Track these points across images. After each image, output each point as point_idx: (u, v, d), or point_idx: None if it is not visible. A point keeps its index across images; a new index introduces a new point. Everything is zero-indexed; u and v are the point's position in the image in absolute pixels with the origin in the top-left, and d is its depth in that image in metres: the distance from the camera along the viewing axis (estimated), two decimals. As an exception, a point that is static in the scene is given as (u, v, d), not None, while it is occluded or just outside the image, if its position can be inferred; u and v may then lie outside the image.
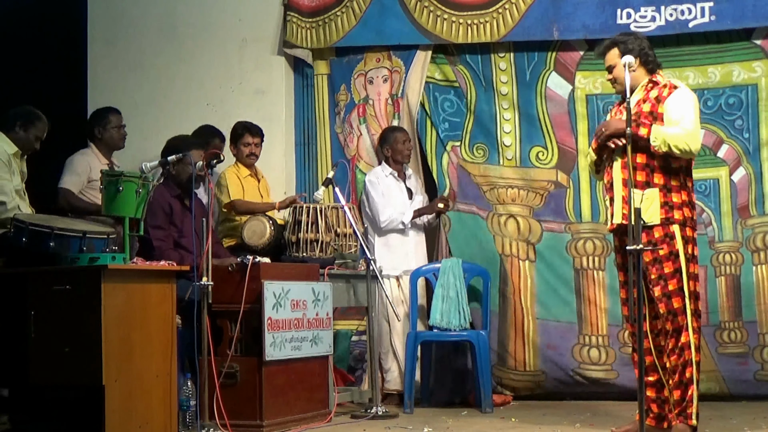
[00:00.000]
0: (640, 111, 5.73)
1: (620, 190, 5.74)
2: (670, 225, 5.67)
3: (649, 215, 5.62)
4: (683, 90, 5.81)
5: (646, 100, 5.78)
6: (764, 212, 7.48)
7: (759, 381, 7.36)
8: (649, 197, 5.66)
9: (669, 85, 5.81)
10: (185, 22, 8.43)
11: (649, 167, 5.70)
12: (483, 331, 7.43)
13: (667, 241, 5.67)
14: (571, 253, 7.78)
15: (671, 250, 5.66)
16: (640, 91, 5.82)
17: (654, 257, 5.66)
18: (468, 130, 8.02)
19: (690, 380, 5.63)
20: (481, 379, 7.26)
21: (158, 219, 6.48)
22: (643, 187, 5.67)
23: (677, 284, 5.66)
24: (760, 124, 7.50)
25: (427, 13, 7.97)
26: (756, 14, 7.39)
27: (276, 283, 6.29)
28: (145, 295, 5.62)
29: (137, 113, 8.22)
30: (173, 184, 6.64)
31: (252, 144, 7.59)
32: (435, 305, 7.54)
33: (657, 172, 5.70)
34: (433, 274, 7.65)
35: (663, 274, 5.67)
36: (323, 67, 8.28)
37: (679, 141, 5.62)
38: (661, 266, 5.67)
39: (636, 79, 5.80)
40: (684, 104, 5.74)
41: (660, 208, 5.66)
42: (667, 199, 5.69)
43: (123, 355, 5.44)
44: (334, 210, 7.12)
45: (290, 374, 6.37)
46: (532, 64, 7.87)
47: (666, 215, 5.67)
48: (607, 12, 7.63)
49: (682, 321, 5.64)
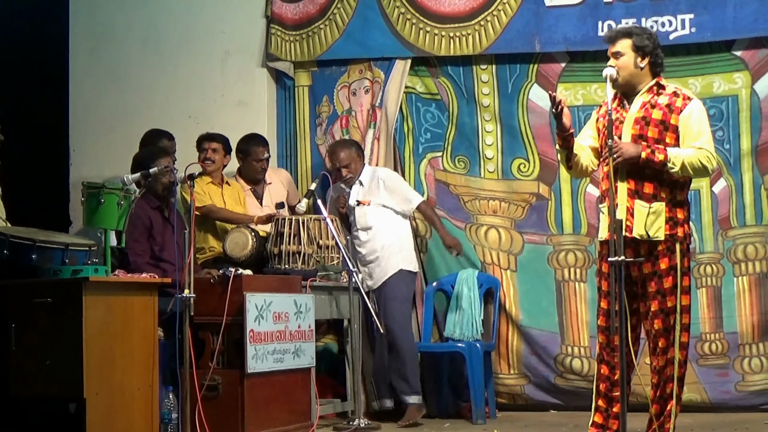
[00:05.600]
0: (650, 117, 5.53)
1: (624, 201, 5.50)
2: (673, 241, 5.50)
3: (654, 230, 5.47)
4: (698, 103, 5.59)
5: (655, 105, 5.55)
6: (745, 223, 7.52)
7: (740, 392, 7.38)
8: (656, 211, 5.48)
9: (682, 95, 5.57)
10: (168, 34, 8.43)
11: (657, 180, 5.50)
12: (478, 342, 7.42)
13: (668, 255, 5.50)
14: (553, 265, 7.80)
15: (672, 264, 5.50)
16: (646, 94, 5.59)
17: (654, 270, 5.51)
18: (450, 142, 8.03)
19: (670, 395, 5.54)
20: (473, 391, 7.27)
21: (136, 233, 6.45)
22: (650, 200, 5.49)
23: (675, 300, 5.50)
24: (741, 135, 7.53)
25: (409, 25, 7.99)
26: (736, 26, 7.43)
27: (258, 295, 6.29)
28: (126, 308, 5.61)
29: (120, 125, 8.22)
30: (152, 196, 6.62)
31: (208, 149, 7.57)
32: (449, 316, 7.61)
33: (665, 185, 5.52)
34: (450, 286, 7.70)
35: (662, 289, 5.51)
36: (304, 78, 8.30)
37: (698, 163, 5.44)
38: (660, 281, 5.51)
39: (641, 78, 5.59)
40: (701, 120, 5.54)
41: (665, 224, 5.49)
42: (672, 214, 5.51)
43: (104, 368, 5.43)
44: (317, 222, 7.12)
45: (272, 386, 6.37)
46: (514, 76, 7.89)
47: (670, 231, 5.49)
48: (589, 24, 7.65)
49: (672, 336, 5.53)
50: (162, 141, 7.49)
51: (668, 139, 5.52)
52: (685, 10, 7.50)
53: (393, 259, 7.38)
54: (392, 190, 7.51)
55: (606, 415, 5.64)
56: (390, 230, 7.45)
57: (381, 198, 7.45)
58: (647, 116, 5.55)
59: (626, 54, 5.58)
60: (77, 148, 8.52)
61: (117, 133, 8.09)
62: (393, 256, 7.39)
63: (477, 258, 7.83)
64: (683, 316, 5.55)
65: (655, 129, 5.53)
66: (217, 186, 7.55)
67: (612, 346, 5.53)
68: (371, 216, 7.44)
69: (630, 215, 5.49)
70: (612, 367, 5.58)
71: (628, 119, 5.58)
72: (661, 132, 5.52)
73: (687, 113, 5.53)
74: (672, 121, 5.53)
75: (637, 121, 5.56)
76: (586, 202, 7.72)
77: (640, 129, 5.54)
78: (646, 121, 5.54)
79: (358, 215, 7.46)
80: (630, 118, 5.58)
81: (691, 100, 5.58)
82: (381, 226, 7.44)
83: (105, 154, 8.27)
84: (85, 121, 8.50)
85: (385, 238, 7.42)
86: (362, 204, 7.43)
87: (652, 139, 5.51)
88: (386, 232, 7.44)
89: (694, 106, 5.55)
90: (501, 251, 7.82)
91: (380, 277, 7.39)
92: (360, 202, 7.43)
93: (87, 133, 8.50)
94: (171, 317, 5.95)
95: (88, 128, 8.50)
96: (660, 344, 5.54)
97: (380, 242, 7.42)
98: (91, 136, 8.47)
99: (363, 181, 7.52)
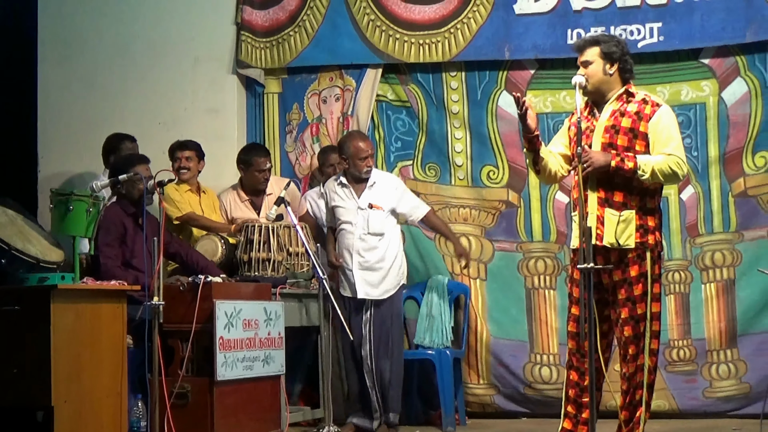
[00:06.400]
0: (619, 125, 5.54)
1: (594, 209, 5.51)
2: (644, 249, 5.52)
3: (625, 238, 5.48)
4: (667, 110, 5.62)
5: (625, 113, 5.56)
6: (713, 230, 7.56)
7: (707, 398, 7.43)
8: (626, 219, 5.50)
9: (651, 102, 5.58)
10: (138, 40, 8.40)
11: (627, 188, 5.52)
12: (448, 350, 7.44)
13: (638, 262, 5.51)
14: (523, 272, 7.82)
15: (642, 271, 5.52)
16: (615, 101, 5.61)
17: (624, 277, 5.52)
18: (420, 149, 8.05)
19: (639, 402, 5.56)
20: (443, 398, 7.27)
21: (110, 237, 6.43)
22: (619, 208, 5.50)
23: (645, 308, 5.52)
24: (709, 142, 7.59)
25: (379, 32, 8.00)
26: (703, 35, 7.49)
27: (228, 302, 6.27)
28: (95, 315, 5.58)
29: (89, 132, 8.17)
30: (127, 202, 6.59)
31: (181, 158, 7.55)
32: (419, 324, 7.59)
33: (635, 193, 5.53)
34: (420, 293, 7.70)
35: (632, 296, 5.52)
36: (274, 85, 8.30)
37: (668, 169, 5.46)
38: (630, 288, 5.52)
39: (610, 85, 5.61)
40: (671, 126, 5.56)
41: (636, 231, 5.50)
42: (642, 222, 5.52)
43: (73, 376, 5.40)
44: (286, 229, 7.11)
45: (242, 394, 6.34)
46: (483, 83, 7.92)
47: (641, 239, 5.50)
48: (558, 32, 7.70)
49: (643, 344, 5.54)
50: (124, 144, 7.49)
51: (638, 147, 5.54)
52: (654, 18, 7.55)
53: (399, 271, 7.21)
54: (403, 196, 7.30)
55: (575, 421, 5.66)
56: (396, 239, 7.27)
57: (393, 203, 7.21)
58: (616, 124, 5.57)
59: (595, 62, 5.61)
60: (45, 156, 8.47)
61: (86, 140, 8.06)
62: (398, 268, 7.20)
63: (446, 269, 7.84)
64: (653, 323, 5.57)
65: (624, 137, 5.55)
66: (195, 194, 7.55)
67: (582, 352, 5.55)
68: (385, 222, 7.18)
69: (600, 224, 5.50)
70: (581, 373, 5.59)
71: (597, 128, 5.60)
72: (631, 140, 5.54)
73: (656, 120, 5.55)
74: (641, 128, 5.55)
75: (607, 129, 5.58)
76: (555, 209, 7.75)
77: (609, 137, 5.56)
78: (616, 130, 5.56)
79: (372, 219, 7.15)
80: (600, 127, 5.60)
81: (660, 106, 5.60)
82: (391, 233, 7.21)
83: (74, 162, 8.24)
84: (54, 128, 8.46)
85: (393, 247, 7.20)
86: (375, 208, 7.16)
87: (622, 147, 5.53)
88: (394, 240, 7.23)
89: (662, 113, 5.57)
90: (471, 260, 7.83)
91: (387, 290, 7.14)
92: (373, 205, 7.16)
93: (56, 140, 8.46)
94: (140, 324, 5.93)
95: (56, 135, 8.46)
96: (630, 351, 5.56)
97: (390, 251, 7.17)
98: (60, 144, 8.43)
99: (375, 183, 7.22)
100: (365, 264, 7.13)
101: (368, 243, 7.14)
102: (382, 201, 7.18)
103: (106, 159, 7.56)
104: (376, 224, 7.14)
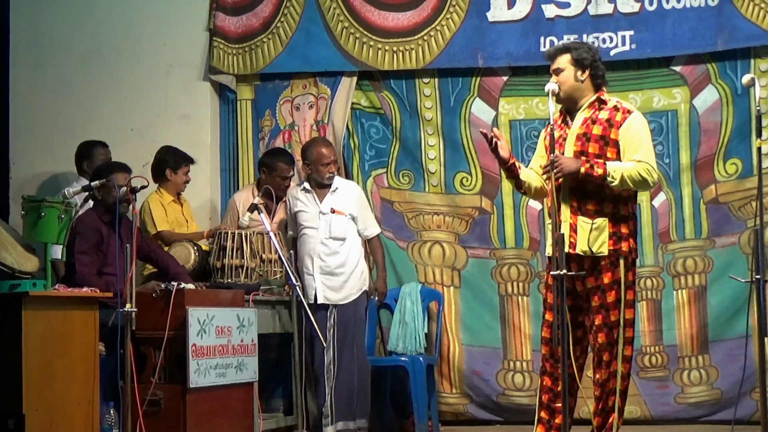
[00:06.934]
0: (590, 133, 5.57)
1: (567, 217, 5.53)
2: (617, 257, 5.53)
3: (597, 246, 5.50)
4: (638, 116, 5.63)
5: (596, 120, 5.59)
6: (684, 237, 7.61)
7: (679, 404, 7.47)
8: (599, 227, 5.51)
9: (623, 109, 5.60)
10: (111, 46, 8.37)
11: (599, 195, 5.54)
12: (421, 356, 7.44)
13: (611, 270, 5.53)
14: (496, 279, 7.84)
15: (615, 278, 5.53)
16: (587, 109, 5.63)
17: (597, 285, 5.54)
18: (394, 156, 8.06)
19: (612, 408, 5.59)
20: (416, 405, 7.27)
21: (86, 244, 6.41)
22: (592, 216, 5.52)
23: (618, 315, 5.54)
24: (680, 149, 7.63)
25: (353, 40, 8.01)
26: (675, 43, 7.55)
27: (201, 309, 6.25)
28: (67, 322, 5.55)
29: (61, 138, 8.14)
30: (102, 209, 6.56)
31: (189, 172, 7.57)
32: (392, 330, 7.58)
33: (607, 201, 5.54)
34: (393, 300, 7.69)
35: (605, 303, 5.53)
36: (247, 92, 8.29)
37: (638, 176, 5.47)
38: (603, 295, 5.54)
39: (582, 92, 5.64)
40: (641, 133, 5.57)
41: (609, 239, 5.52)
42: (615, 230, 5.53)
43: (44, 383, 5.36)
44: (260, 236, 7.09)
45: (215, 401, 6.32)
46: (457, 90, 7.94)
47: (614, 246, 5.52)
48: (531, 40, 7.73)
49: (616, 350, 5.55)
50: (97, 150, 7.49)
51: (609, 154, 5.56)
52: (626, 26, 7.60)
53: (361, 276, 7.19)
54: (362, 209, 7.31)
55: (548, 427, 5.67)
56: (358, 245, 7.25)
57: (354, 210, 7.20)
58: (588, 132, 5.59)
59: (566, 69, 5.64)
60: (18, 162, 8.42)
61: (58, 147, 8.02)
62: (359, 274, 7.18)
63: (417, 280, 7.86)
64: (626, 329, 5.58)
65: (595, 144, 5.57)
66: (178, 204, 7.54)
67: (556, 358, 5.56)
68: (347, 227, 7.17)
69: (573, 231, 5.53)
70: (555, 379, 5.61)
71: (570, 136, 5.63)
72: (602, 147, 5.56)
73: (626, 126, 5.57)
74: (612, 135, 5.57)
75: (579, 137, 5.60)
76: (528, 216, 7.77)
77: (581, 145, 5.58)
78: (587, 137, 5.58)
79: (335, 223, 7.14)
80: (572, 135, 5.62)
81: (631, 113, 5.62)
82: (351, 239, 7.21)
83: (46, 168, 8.20)
84: (26, 134, 8.42)
85: (354, 252, 7.19)
86: (337, 213, 7.16)
87: (593, 154, 5.55)
88: (355, 246, 7.22)
89: (633, 119, 5.59)
90: (445, 267, 7.85)
91: (349, 294, 7.13)
92: (335, 210, 7.15)
93: (28, 146, 8.41)
94: (112, 331, 5.90)
95: (29, 141, 8.41)
96: (604, 358, 5.58)
97: (351, 256, 7.15)
98: (32, 150, 8.38)
99: (337, 189, 7.21)
100: (326, 268, 7.11)
101: (330, 248, 7.13)
102: (344, 206, 7.18)
103: (79, 165, 7.54)
104: (338, 229, 7.14)
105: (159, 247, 7.02)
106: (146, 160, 7.72)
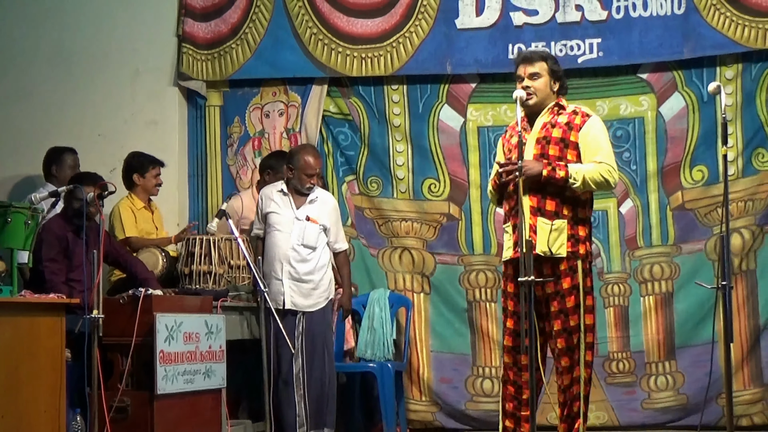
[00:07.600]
0: (550, 136, 5.62)
1: (527, 218, 5.55)
2: (575, 259, 5.59)
3: (557, 247, 5.55)
4: (597, 120, 5.72)
5: (555, 124, 5.65)
6: (651, 243, 7.65)
7: (646, 410, 7.51)
8: (558, 228, 5.56)
9: (581, 113, 5.69)
10: (77, 51, 8.32)
11: (559, 197, 5.59)
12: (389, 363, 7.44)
13: (570, 275, 5.58)
14: (464, 285, 7.86)
15: (574, 283, 5.58)
16: (547, 114, 5.70)
17: (556, 290, 5.58)
18: (362, 163, 8.07)
19: (577, 414, 5.60)
20: (385, 411, 7.27)
21: (53, 251, 6.38)
22: (552, 217, 5.57)
23: (578, 320, 5.58)
24: (647, 156, 7.68)
25: (321, 46, 8.01)
26: (642, 51, 7.61)
27: (168, 315, 6.22)
28: (33, 329, 5.52)
29: (27, 144, 8.08)
30: (70, 215, 6.53)
31: (159, 174, 7.54)
32: (361, 336, 7.58)
33: (567, 203, 5.60)
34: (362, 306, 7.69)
35: (565, 309, 5.58)
36: (216, 98, 8.27)
37: (599, 177, 5.55)
38: (563, 300, 5.58)
39: (549, 101, 5.71)
40: (600, 135, 5.67)
41: (567, 241, 5.57)
42: (573, 232, 5.59)
43: (9, 390, 5.33)
44: (228, 242, 7.08)
45: (182, 408, 6.30)
46: (425, 97, 7.96)
47: (572, 248, 5.57)
48: (499, 47, 7.76)
49: (577, 356, 5.58)
50: (65, 156, 7.48)
51: (569, 156, 5.63)
52: (593, 34, 7.65)
53: (329, 285, 7.15)
54: (335, 222, 7.28)
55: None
56: (327, 255, 7.20)
57: (327, 222, 7.16)
58: (548, 135, 5.66)
59: (544, 76, 5.72)
60: (-17, 167, 8.38)
61: (24, 152, 7.97)
62: (327, 282, 7.14)
63: (387, 287, 7.87)
64: (587, 335, 5.62)
65: (555, 147, 5.63)
66: (148, 210, 7.52)
67: (520, 366, 5.58)
68: (319, 236, 7.12)
69: (533, 232, 5.56)
70: (519, 387, 5.63)
71: (529, 140, 5.68)
72: (562, 149, 5.63)
73: (586, 129, 5.65)
74: (572, 138, 5.64)
75: (539, 141, 5.66)
76: (495, 222, 7.79)
77: (541, 148, 5.64)
78: (547, 140, 5.65)
79: (308, 231, 7.07)
80: (531, 139, 5.68)
81: (590, 116, 5.71)
82: (321, 248, 7.15)
83: (12, 173, 8.14)
84: (-8, 139, 8.37)
85: (323, 260, 7.14)
86: (311, 222, 7.09)
87: (554, 157, 5.62)
88: (324, 256, 7.17)
89: (592, 123, 5.68)
90: (414, 273, 7.85)
91: (317, 302, 7.08)
92: (310, 218, 7.09)
93: (-7, 151, 8.36)
94: (79, 338, 5.87)
95: (-6, 146, 8.37)
96: (563, 363, 5.61)
97: (320, 263, 7.11)
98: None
99: (316, 198, 7.17)
100: (295, 275, 7.05)
101: (300, 254, 7.08)
102: (319, 216, 7.13)
103: (47, 170, 7.51)
104: (311, 237, 7.09)
105: (128, 251, 6.99)
106: (114, 166, 7.69)
